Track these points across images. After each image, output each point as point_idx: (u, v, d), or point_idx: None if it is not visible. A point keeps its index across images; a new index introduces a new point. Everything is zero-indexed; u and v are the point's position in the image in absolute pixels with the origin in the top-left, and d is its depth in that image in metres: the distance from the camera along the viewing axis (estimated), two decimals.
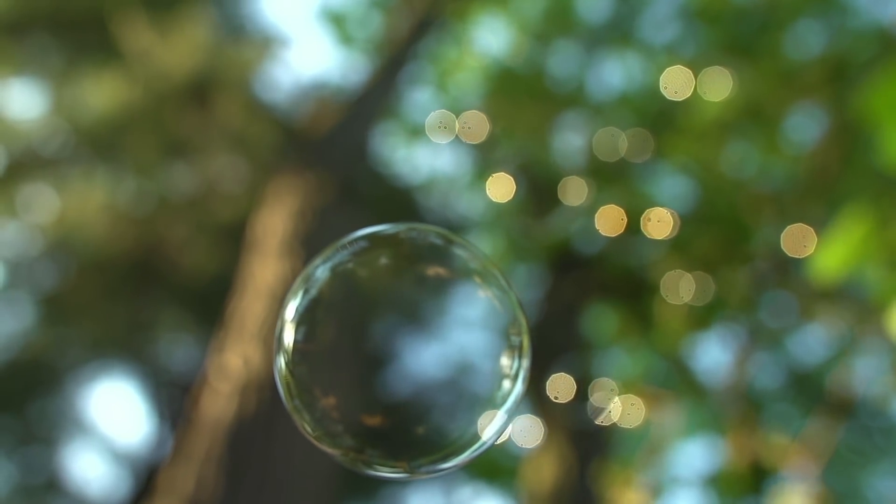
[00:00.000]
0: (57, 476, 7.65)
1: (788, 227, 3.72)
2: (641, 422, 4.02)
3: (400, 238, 0.96)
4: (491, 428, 0.92)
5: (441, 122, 5.43)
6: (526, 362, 0.93)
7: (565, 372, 4.69)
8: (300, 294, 0.94)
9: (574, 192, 5.21)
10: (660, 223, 3.99)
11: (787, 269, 4.10)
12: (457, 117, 5.56)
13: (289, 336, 0.92)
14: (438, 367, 0.96)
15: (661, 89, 5.25)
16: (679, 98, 4.60)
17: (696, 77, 4.80)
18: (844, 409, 4.24)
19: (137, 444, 7.85)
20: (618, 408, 4.04)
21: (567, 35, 6.21)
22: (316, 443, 0.91)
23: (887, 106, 1.66)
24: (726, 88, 4.63)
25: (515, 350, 0.93)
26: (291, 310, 0.94)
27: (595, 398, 4.24)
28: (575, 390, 4.38)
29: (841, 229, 1.94)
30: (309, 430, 0.92)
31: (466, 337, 0.97)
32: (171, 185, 7.16)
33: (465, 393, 0.95)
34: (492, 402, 0.92)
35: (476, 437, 0.91)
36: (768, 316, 4.67)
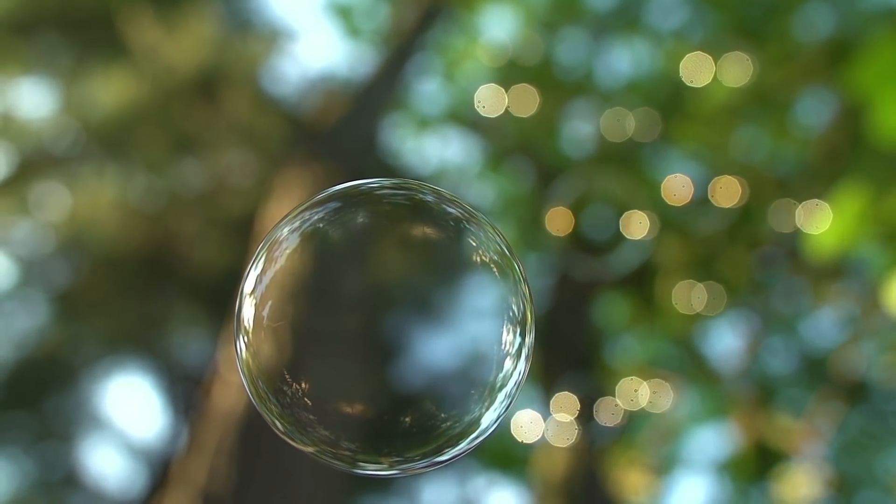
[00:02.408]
0: (74, 471, 7.71)
1: (780, 202, 3.69)
2: (651, 406, 4.02)
3: (378, 195, 0.80)
4: (490, 414, 0.77)
5: (481, 102, 5.35)
6: (529, 339, 0.78)
7: (576, 363, 4.69)
8: (262, 262, 0.78)
9: (585, 179, 5.19)
10: (727, 190, 3.92)
11: (796, 253, 4.08)
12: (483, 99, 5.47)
13: (249, 312, 0.76)
14: (431, 347, 0.78)
15: (671, 74, 5.23)
16: (695, 85, 4.56)
17: (704, 62, 4.78)
18: (849, 389, 4.23)
19: (153, 438, 7.90)
20: (636, 393, 4.02)
21: (574, 22, 6.18)
22: (286, 438, 0.76)
23: (877, 79, 1.65)
24: (735, 72, 4.60)
25: (516, 323, 0.78)
26: (252, 281, 0.78)
27: (607, 388, 4.24)
28: (585, 381, 4.38)
29: (837, 206, 1.93)
30: (278, 423, 0.76)
31: (461, 310, 0.79)
32: (181, 181, 7.19)
33: (460, 375, 0.78)
34: (491, 385, 0.77)
35: (474, 425, 0.77)
36: (780, 300, 4.66)
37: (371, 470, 0.76)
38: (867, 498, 5.60)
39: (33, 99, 7.34)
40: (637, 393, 3.97)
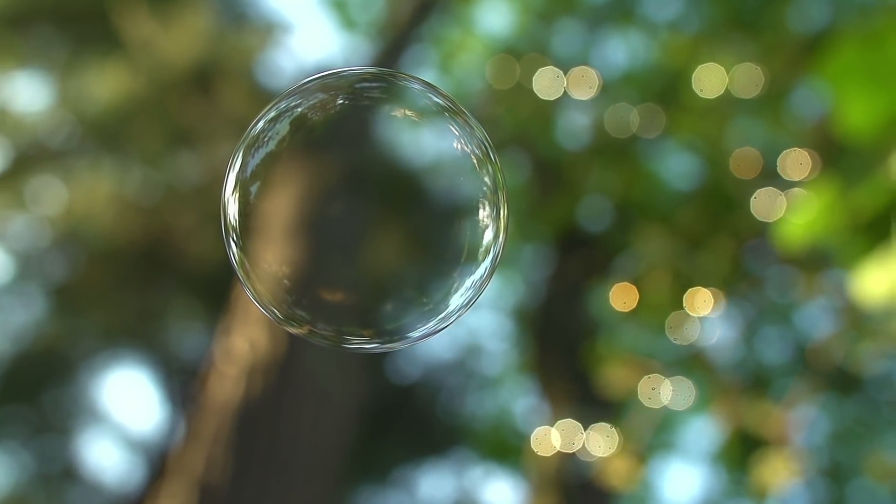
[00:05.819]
0: (72, 464, 7.73)
1: (763, 191, 3.69)
2: (673, 404, 4.02)
3: (350, 83, 0.82)
4: (457, 298, 0.79)
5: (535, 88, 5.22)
6: (504, 209, 0.79)
7: (571, 351, 4.71)
8: (240, 158, 0.80)
9: (580, 170, 5.21)
10: (799, 166, 3.89)
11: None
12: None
13: (233, 208, 0.79)
14: (403, 237, 0.81)
15: (667, 66, 5.23)
16: (705, 96, 4.55)
17: (699, 53, 4.78)
18: (833, 378, 4.24)
19: (151, 431, 7.93)
20: (653, 391, 4.02)
21: (570, 13, 6.18)
22: (281, 324, 0.79)
23: (839, 73, 1.66)
24: (730, 63, 4.61)
25: (491, 215, 0.79)
26: (231, 182, 0.79)
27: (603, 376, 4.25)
28: (579, 368, 4.40)
29: (807, 195, 1.95)
30: (276, 311, 0.78)
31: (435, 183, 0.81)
32: (177, 174, 7.19)
33: (434, 251, 0.80)
34: (465, 259, 0.78)
35: (445, 302, 0.78)
36: (771, 290, 4.68)
37: (355, 343, 0.78)
38: (858, 486, 5.63)
39: (28, 93, 7.34)
40: (655, 391, 3.96)
